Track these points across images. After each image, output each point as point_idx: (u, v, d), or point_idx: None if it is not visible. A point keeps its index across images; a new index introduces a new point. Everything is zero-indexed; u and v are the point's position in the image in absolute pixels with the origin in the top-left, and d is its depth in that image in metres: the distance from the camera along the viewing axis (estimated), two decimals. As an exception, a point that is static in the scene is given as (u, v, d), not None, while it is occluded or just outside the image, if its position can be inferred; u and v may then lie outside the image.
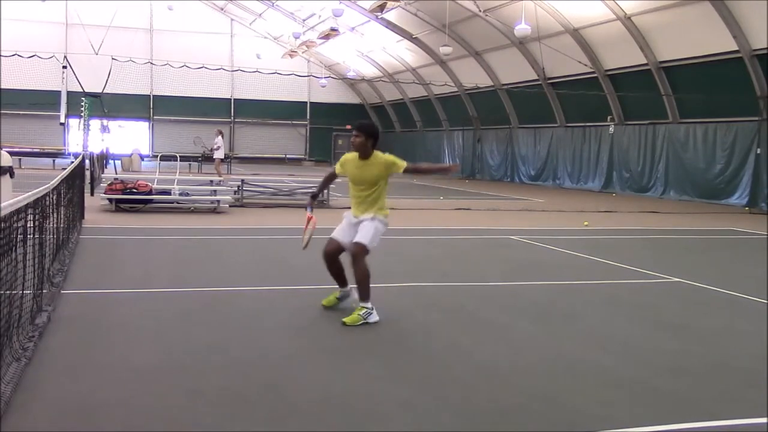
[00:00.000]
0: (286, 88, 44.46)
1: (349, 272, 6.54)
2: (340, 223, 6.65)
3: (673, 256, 11.69)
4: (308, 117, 49.48)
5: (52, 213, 7.36)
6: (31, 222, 5.73)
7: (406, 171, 6.51)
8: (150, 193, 15.62)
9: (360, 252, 6.28)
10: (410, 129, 44.95)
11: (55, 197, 7.67)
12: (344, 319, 6.20)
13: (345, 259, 6.56)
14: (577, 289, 8.33)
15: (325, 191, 18.06)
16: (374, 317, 6.28)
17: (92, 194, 17.88)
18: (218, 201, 16.29)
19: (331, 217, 8.12)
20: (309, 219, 6.75)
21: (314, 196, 7.05)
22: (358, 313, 6.23)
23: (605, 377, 5.03)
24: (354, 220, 6.53)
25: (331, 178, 7.03)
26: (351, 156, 6.60)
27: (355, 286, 6.36)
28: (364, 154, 6.45)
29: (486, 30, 29.15)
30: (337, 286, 6.77)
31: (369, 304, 6.28)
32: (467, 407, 4.37)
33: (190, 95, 44.57)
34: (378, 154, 6.47)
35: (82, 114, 22.20)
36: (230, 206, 16.62)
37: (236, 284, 7.98)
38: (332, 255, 6.54)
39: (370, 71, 43.22)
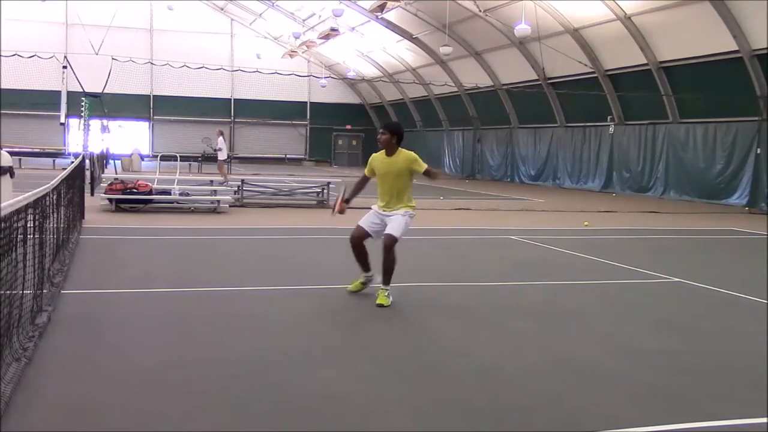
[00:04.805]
0: (286, 88, 44.46)
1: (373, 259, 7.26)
2: (367, 214, 7.33)
3: (673, 256, 11.68)
4: (308, 117, 49.47)
5: (52, 213, 7.35)
6: (31, 222, 5.72)
7: (426, 173, 7.15)
8: (150, 193, 15.62)
9: (391, 243, 7.01)
10: (410, 129, 44.88)
11: (55, 197, 7.66)
12: (379, 302, 6.88)
13: (369, 246, 7.25)
14: (577, 289, 8.33)
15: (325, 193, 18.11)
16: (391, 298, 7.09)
17: (92, 194, 17.87)
18: (218, 201, 16.28)
19: (330, 217, 8.11)
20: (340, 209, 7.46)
21: (347, 201, 7.51)
22: (384, 294, 6.97)
23: (605, 377, 5.02)
24: (383, 214, 7.18)
25: (363, 182, 7.48)
26: (378, 155, 7.32)
27: (378, 271, 7.10)
28: (390, 151, 7.15)
29: (486, 30, 29.14)
30: (362, 272, 7.37)
31: (389, 288, 7.03)
32: (467, 407, 4.36)
33: (190, 95, 44.57)
34: (403, 151, 7.18)
35: (82, 114, 22.15)
36: (230, 206, 16.61)
37: (236, 284, 7.98)
38: (358, 240, 7.24)
39: (370, 71, 43.21)
